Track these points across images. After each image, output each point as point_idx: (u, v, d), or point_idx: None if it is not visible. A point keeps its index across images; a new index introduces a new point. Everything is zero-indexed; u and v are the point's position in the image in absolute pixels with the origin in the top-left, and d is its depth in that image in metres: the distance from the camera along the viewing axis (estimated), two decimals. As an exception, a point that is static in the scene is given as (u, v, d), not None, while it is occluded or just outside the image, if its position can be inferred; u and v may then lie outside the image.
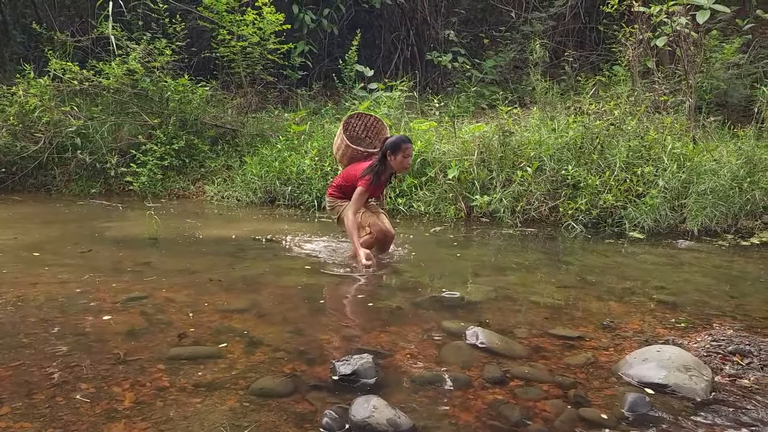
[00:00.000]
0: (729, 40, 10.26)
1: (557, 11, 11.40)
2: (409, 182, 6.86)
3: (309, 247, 5.16)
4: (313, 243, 5.29)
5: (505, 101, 10.52)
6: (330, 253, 4.94)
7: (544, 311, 3.60)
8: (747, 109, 8.89)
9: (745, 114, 8.90)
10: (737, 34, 10.86)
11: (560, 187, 6.54)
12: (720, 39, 9.89)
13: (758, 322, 3.43)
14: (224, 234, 5.65)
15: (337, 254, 4.92)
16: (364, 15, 11.21)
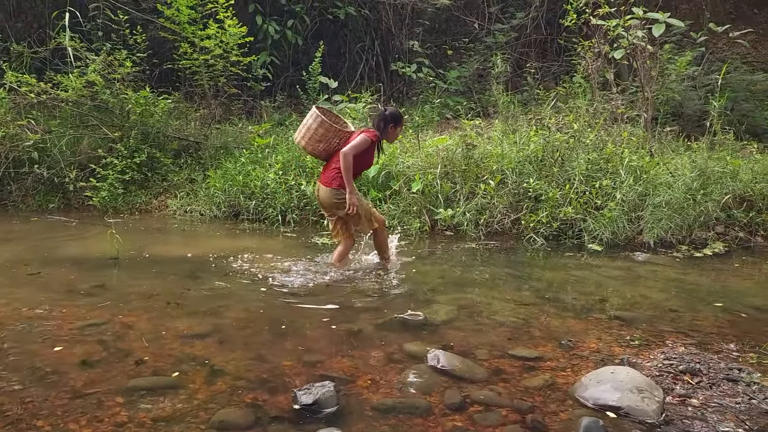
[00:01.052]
0: (684, 52, 10.58)
1: (519, 23, 11.58)
2: (374, 195, 6.89)
3: (272, 268, 5.13)
4: (277, 263, 5.27)
5: (469, 112, 10.66)
6: (294, 274, 4.93)
7: (506, 330, 3.66)
8: (701, 119, 9.16)
9: (699, 124, 9.17)
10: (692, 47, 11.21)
11: (522, 199, 6.65)
12: (675, 52, 10.19)
13: (708, 338, 3.55)
14: (186, 253, 5.58)
15: (301, 275, 4.91)
16: (329, 25, 11.22)
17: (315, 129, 4.65)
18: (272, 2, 10.37)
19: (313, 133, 4.66)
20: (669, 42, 10.65)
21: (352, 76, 11.44)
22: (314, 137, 4.67)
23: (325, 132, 4.65)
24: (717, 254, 5.87)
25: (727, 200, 6.46)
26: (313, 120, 4.65)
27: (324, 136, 4.66)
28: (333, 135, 4.68)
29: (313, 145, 4.72)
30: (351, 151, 4.49)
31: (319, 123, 4.63)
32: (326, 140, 4.68)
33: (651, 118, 8.55)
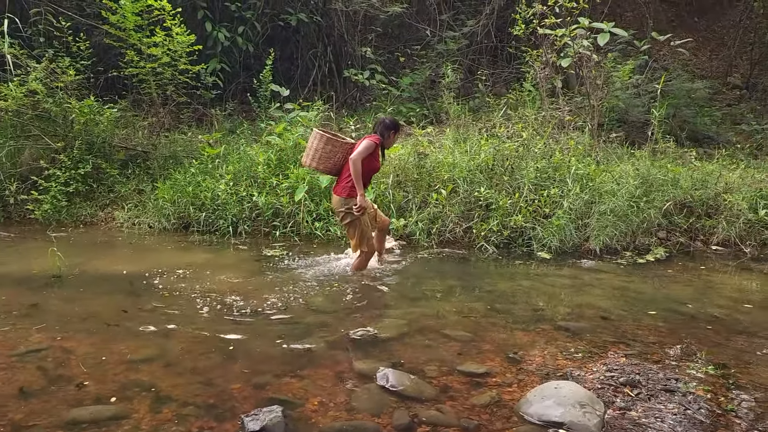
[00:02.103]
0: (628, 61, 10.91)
1: (470, 30, 11.74)
2: (326, 206, 6.87)
3: (222, 283, 5.07)
4: (227, 278, 5.20)
5: (422, 118, 10.75)
6: (244, 290, 4.87)
7: (455, 345, 3.70)
8: (645, 126, 9.46)
9: (643, 131, 9.47)
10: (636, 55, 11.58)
11: (473, 208, 6.73)
12: (620, 60, 10.50)
13: (649, 347, 3.68)
14: (132, 268, 5.45)
15: (252, 291, 4.86)
16: (281, 31, 11.13)
17: (323, 148, 5.03)
18: (222, 9, 10.24)
19: (322, 152, 5.04)
20: (614, 51, 10.98)
21: (304, 83, 11.39)
22: (323, 156, 5.05)
23: (332, 148, 5.03)
24: (659, 260, 6.08)
25: (668, 207, 6.69)
26: (318, 140, 5.03)
27: (331, 152, 5.03)
28: (338, 149, 5.04)
29: (324, 164, 5.09)
30: (359, 157, 4.85)
31: (326, 141, 5.01)
32: (333, 156, 5.05)
33: (597, 125, 8.80)
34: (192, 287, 4.86)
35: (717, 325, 4.13)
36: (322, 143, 5.01)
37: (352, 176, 4.89)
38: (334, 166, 5.13)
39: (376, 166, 5.15)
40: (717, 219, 6.69)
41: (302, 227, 6.82)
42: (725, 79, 14.17)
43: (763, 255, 6.35)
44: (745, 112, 12.50)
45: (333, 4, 11.09)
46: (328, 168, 5.14)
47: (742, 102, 13.26)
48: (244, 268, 5.56)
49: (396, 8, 11.16)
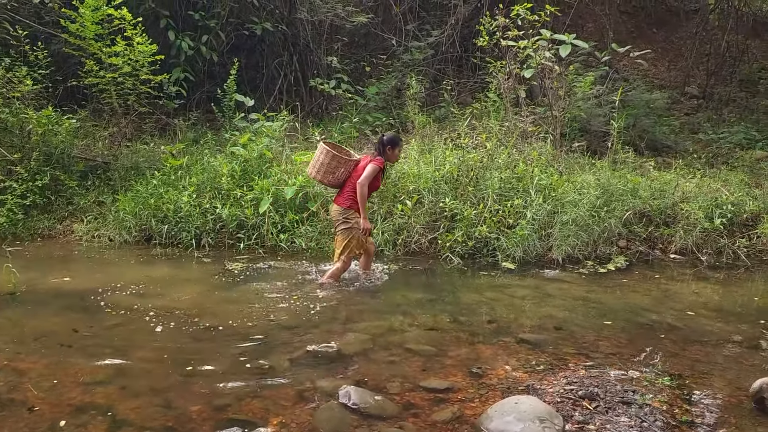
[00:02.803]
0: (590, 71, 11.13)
1: (435, 40, 11.84)
2: (291, 218, 6.83)
3: (183, 299, 4.99)
4: (188, 293, 5.12)
5: (388, 127, 10.77)
6: (206, 305, 4.80)
7: (418, 360, 3.71)
8: (606, 135, 9.65)
9: (605, 140, 9.66)
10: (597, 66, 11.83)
11: (439, 219, 6.78)
12: (581, 71, 10.70)
13: (608, 359, 3.74)
14: (90, 284, 5.31)
15: (214, 307, 4.79)
16: (246, 40, 11.05)
17: (328, 163, 5.28)
18: (185, 17, 10.11)
19: (327, 166, 5.29)
20: (576, 62, 11.18)
21: (270, 92, 11.31)
22: (328, 170, 5.30)
23: (337, 164, 5.28)
24: (620, 269, 6.20)
25: (628, 216, 6.84)
26: (324, 155, 5.28)
27: (336, 167, 5.28)
28: (341, 165, 5.30)
29: (328, 177, 5.35)
30: (365, 182, 5.16)
31: (331, 157, 5.26)
32: (336, 170, 5.30)
33: (559, 135, 8.95)
34: (151, 303, 4.77)
35: (673, 335, 4.22)
36: (328, 158, 5.27)
37: (357, 195, 5.17)
38: (337, 181, 5.37)
39: (376, 185, 5.47)
40: (675, 228, 6.86)
41: (267, 239, 6.77)
42: (683, 89, 14.56)
43: (719, 263, 6.53)
44: (702, 122, 12.86)
45: (298, 13, 11.07)
46: (331, 182, 5.41)
47: (700, 111, 13.63)
48: (206, 282, 5.48)
49: (361, 18, 11.19)
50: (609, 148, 8.28)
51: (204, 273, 5.82)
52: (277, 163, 7.70)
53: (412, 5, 12.45)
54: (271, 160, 7.71)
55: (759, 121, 12.56)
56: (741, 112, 13.37)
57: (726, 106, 13.85)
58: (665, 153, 10.86)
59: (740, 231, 6.98)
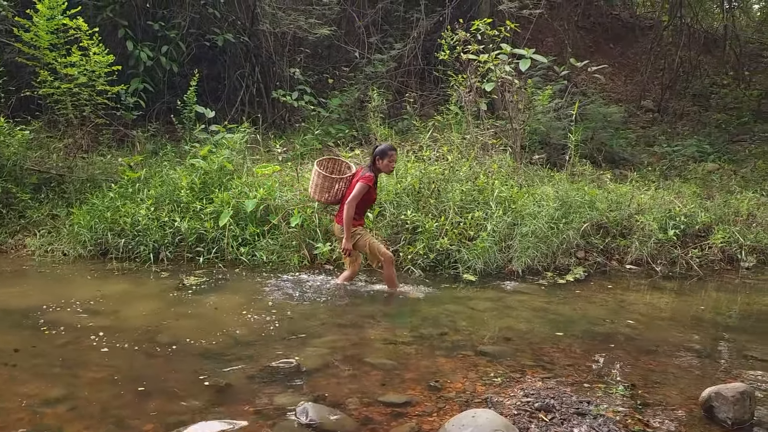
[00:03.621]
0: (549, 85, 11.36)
1: (398, 53, 11.94)
2: (252, 231, 6.76)
3: (137, 315, 4.87)
4: (143, 308, 5.01)
5: (351, 139, 10.79)
6: (159, 322, 4.70)
7: (378, 374, 3.70)
8: (565, 148, 9.84)
9: (564, 152, 9.86)
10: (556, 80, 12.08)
11: (400, 231, 6.79)
12: (541, 85, 10.92)
13: (565, 370, 3.79)
14: (40, 301, 5.12)
15: (168, 323, 4.70)
16: (208, 51, 10.96)
17: (321, 183, 5.45)
18: (145, 27, 9.98)
19: (321, 186, 5.46)
20: (535, 76, 11.41)
21: (232, 102, 11.22)
22: (323, 189, 5.46)
23: (330, 183, 5.43)
24: (578, 279, 6.31)
25: (585, 228, 6.97)
26: (316, 176, 5.45)
27: (329, 186, 5.43)
28: (335, 182, 5.44)
29: (324, 196, 5.50)
30: (353, 202, 5.21)
31: (323, 177, 5.43)
32: (330, 189, 5.45)
33: (519, 148, 9.09)
34: (105, 320, 4.65)
35: (628, 345, 4.31)
36: (320, 179, 5.44)
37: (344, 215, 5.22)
38: (335, 197, 5.52)
39: (370, 199, 5.50)
40: (630, 239, 7.02)
41: (227, 253, 6.67)
42: (639, 103, 14.99)
43: (673, 273, 6.70)
44: (657, 135, 13.25)
45: (260, 25, 11.04)
46: (329, 200, 5.55)
47: (655, 125, 14.05)
48: (163, 297, 5.37)
49: (324, 31, 11.21)
50: (567, 161, 8.44)
51: (161, 288, 5.70)
52: (238, 175, 7.62)
53: (374, 18, 12.54)
54: (231, 173, 7.63)
55: (711, 135, 13.00)
56: (694, 126, 13.82)
57: (680, 120, 14.30)
58: (622, 165, 11.15)
59: (693, 242, 7.19)
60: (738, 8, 16.95)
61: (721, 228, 7.20)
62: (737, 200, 7.98)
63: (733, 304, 5.76)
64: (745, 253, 7.10)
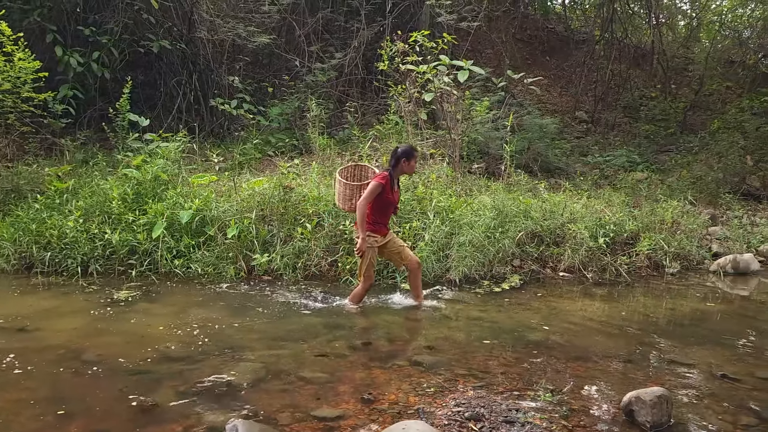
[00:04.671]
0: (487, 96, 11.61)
1: (339, 62, 11.95)
2: (187, 242, 6.61)
3: (60, 331, 4.68)
4: (66, 326, 4.81)
5: (291, 149, 10.72)
6: (84, 339, 4.51)
7: (311, 388, 3.67)
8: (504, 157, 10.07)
9: (502, 162, 10.08)
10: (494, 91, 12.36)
11: (339, 242, 6.78)
12: (479, 96, 11.15)
13: (496, 378, 3.86)
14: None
15: (93, 340, 4.53)
16: (143, 57, 10.68)
17: (343, 191, 5.41)
18: (75, 33, 9.65)
19: (343, 194, 5.42)
20: (474, 87, 11.64)
21: (169, 110, 10.96)
22: (345, 197, 5.41)
23: (351, 191, 5.37)
24: (514, 287, 6.44)
25: (521, 236, 7.14)
26: (339, 184, 5.44)
27: (352, 194, 5.36)
28: (355, 191, 5.35)
29: (348, 204, 5.42)
30: (363, 201, 5.12)
31: (344, 185, 5.40)
32: (353, 197, 5.36)
33: (458, 157, 9.25)
34: (26, 337, 4.45)
35: (558, 351, 4.43)
36: (342, 187, 5.42)
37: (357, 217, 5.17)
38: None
39: (390, 200, 5.35)
40: (563, 247, 7.22)
41: (161, 265, 6.50)
42: (574, 114, 15.51)
43: (603, 280, 6.94)
44: (590, 145, 13.73)
45: (198, 32, 10.84)
46: (352, 208, 5.40)
47: (588, 135, 14.56)
48: (91, 312, 5.16)
49: (263, 39, 11.11)
50: (503, 171, 8.63)
51: (89, 303, 5.48)
52: (173, 185, 7.44)
53: (315, 27, 12.53)
54: (166, 183, 7.44)
55: (640, 145, 13.58)
56: (625, 136, 14.40)
57: (611, 131, 14.87)
58: (557, 174, 11.49)
59: (621, 249, 7.47)
60: (664, 25, 17.77)
61: (648, 236, 7.51)
62: (663, 209, 8.33)
63: (658, 310, 6.00)
64: (670, 259, 7.43)
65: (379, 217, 5.29)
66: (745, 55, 17.37)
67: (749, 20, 18.61)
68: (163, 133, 8.46)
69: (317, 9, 12.66)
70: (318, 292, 5.97)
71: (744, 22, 18.79)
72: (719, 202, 10.10)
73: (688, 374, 4.07)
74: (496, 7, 17.22)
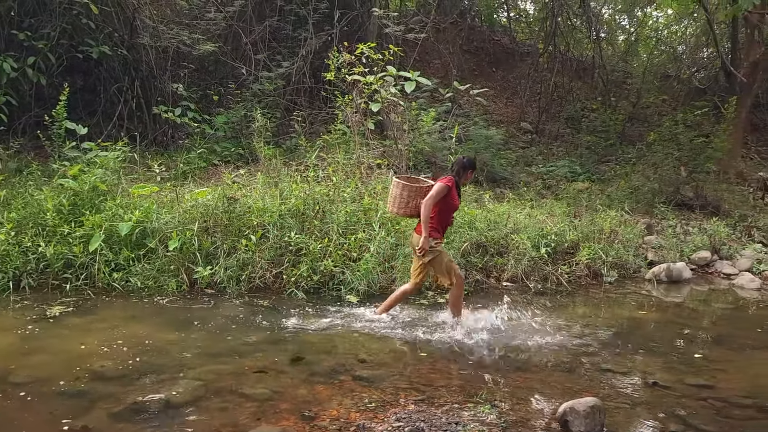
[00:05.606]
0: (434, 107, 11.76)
1: (286, 71, 11.87)
2: (126, 255, 6.41)
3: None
4: None
5: (238, 158, 10.58)
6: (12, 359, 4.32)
7: (252, 406, 3.62)
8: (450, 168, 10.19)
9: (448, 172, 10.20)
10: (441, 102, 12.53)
11: (284, 253, 6.71)
12: (426, 107, 11.27)
13: (438, 391, 3.89)
14: None
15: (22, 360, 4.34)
16: (82, 63, 10.35)
17: (399, 194, 5.41)
18: (8, 37, 9.27)
19: (399, 198, 5.42)
20: (421, 98, 11.77)
21: (109, 117, 10.64)
22: (402, 202, 5.42)
23: (409, 193, 5.38)
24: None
25: (466, 247, 7.23)
26: (395, 187, 5.45)
27: (408, 197, 5.38)
28: (414, 194, 5.37)
29: (403, 209, 5.45)
30: (430, 201, 5.17)
31: (402, 187, 5.40)
32: (409, 201, 5.38)
33: (405, 168, 9.32)
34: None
35: (500, 362, 4.51)
36: (399, 190, 5.42)
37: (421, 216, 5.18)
38: (413, 211, 5.42)
39: (453, 205, 5.45)
40: (507, 257, 7.36)
41: (98, 279, 6.29)
42: (519, 125, 15.86)
43: (545, 289, 7.10)
44: (535, 155, 14.06)
45: (140, 38, 10.58)
46: (407, 213, 5.48)
47: (533, 145, 14.90)
48: (21, 329, 4.94)
49: (208, 47, 10.93)
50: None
51: (19, 320, 5.24)
52: (112, 196, 7.21)
53: (262, 35, 12.41)
54: (105, 193, 7.21)
55: (582, 156, 13.98)
56: (567, 147, 14.80)
57: (555, 141, 15.27)
58: (503, 184, 11.71)
59: (562, 258, 7.67)
60: (605, 39, 18.41)
61: (587, 245, 7.74)
62: (602, 219, 8.61)
63: (596, 318, 6.17)
64: (608, 268, 7.68)
65: (439, 223, 5.36)
66: (679, 70, 18.18)
67: (683, 36, 19.52)
68: (102, 141, 8.18)
69: (264, 17, 12.55)
70: (262, 305, 5.89)
71: (678, 38, 19.70)
72: (655, 212, 10.49)
73: (621, 382, 4.21)
74: (443, 19, 17.52)
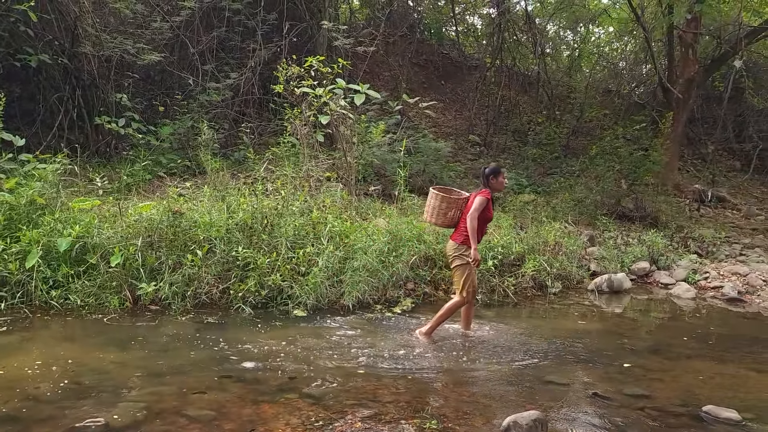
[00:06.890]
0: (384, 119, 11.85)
1: (234, 82, 11.75)
2: (65, 272, 6.20)
3: None
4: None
5: (184, 170, 10.38)
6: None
7: (195, 428, 3.56)
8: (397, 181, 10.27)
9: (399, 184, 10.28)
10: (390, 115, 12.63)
11: (231, 268, 6.62)
12: (375, 119, 11.35)
13: (385, 407, 3.91)
14: None
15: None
16: (20, 71, 9.98)
17: (438, 205, 5.73)
18: (-60, 43, 8.89)
19: (438, 209, 5.74)
20: (371, 110, 11.85)
21: (49, 127, 10.27)
22: (440, 213, 5.75)
23: (447, 205, 5.71)
24: (405, 311, 6.57)
25: (414, 260, 7.30)
26: (434, 199, 5.76)
27: (447, 208, 5.71)
28: (452, 205, 5.71)
29: (441, 219, 5.78)
30: (475, 214, 5.47)
31: (441, 199, 5.73)
32: (447, 212, 5.72)
33: (354, 180, 9.35)
34: None
35: (445, 376, 4.56)
36: (438, 201, 5.72)
37: (468, 229, 5.44)
38: (450, 221, 5.76)
39: (489, 216, 5.73)
40: (454, 270, 7.45)
41: (35, 297, 6.05)
42: (467, 137, 16.12)
43: (492, 301, 7.23)
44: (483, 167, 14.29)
45: (82, 47, 10.29)
46: (445, 223, 5.81)
47: (481, 157, 15.17)
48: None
49: (153, 57, 10.72)
50: (396, 195, 8.81)
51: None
52: (50, 210, 6.97)
53: (210, 46, 12.26)
54: (43, 208, 6.96)
55: (528, 168, 14.32)
56: (514, 159, 15.12)
57: (502, 154, 15.58)
58: (452, 197, 11.85)
59: (509, 270, 7.82)
60: (549, 55, 18.94)
61: (533, 257, 7.92)
62: (546, 231, 8.82)
63: (540, 329, 6.31)
64: (552, 279, 7.87)
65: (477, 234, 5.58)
66: (620, 85, 18.87)
67: (623, 53, 20.28)
68: (41, 152, 7.90)
69: (212, 27, 12.40)
70: (209, 322, 5.79)
71: (619, 55, 20.46)
72: (597, 224, 10.82)
73: (563, 394, 4.32)
74: (392, 32, 17.69)
